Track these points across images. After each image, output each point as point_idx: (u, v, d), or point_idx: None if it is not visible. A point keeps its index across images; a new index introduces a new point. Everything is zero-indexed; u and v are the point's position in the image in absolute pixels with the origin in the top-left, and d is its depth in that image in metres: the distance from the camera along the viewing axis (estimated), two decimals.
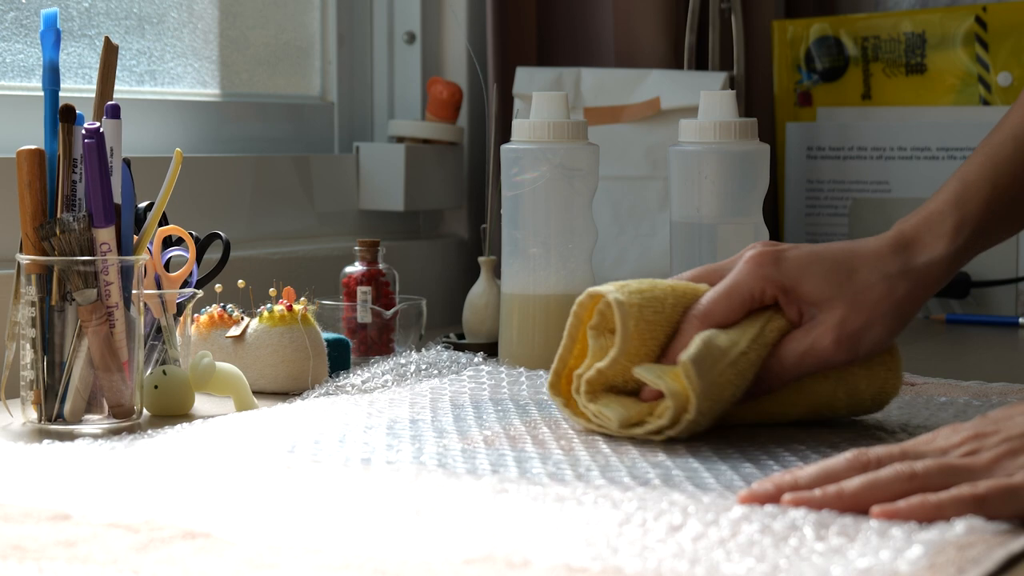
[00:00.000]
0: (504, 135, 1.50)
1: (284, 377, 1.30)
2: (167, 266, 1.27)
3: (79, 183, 1.14)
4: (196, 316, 1.33)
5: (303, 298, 1.33)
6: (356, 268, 1.52)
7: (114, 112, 1.15)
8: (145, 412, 1.20)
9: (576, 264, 1.41)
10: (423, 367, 1.37)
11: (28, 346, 1.14)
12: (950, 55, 1.90)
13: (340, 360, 1.36)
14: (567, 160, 1.40)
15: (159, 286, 1.25)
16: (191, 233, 1.28)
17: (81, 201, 1.14)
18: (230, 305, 1.34)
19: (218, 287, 1.34)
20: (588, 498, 0.90)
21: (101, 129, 1.13)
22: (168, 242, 1.29)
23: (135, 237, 1.17)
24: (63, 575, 0.75)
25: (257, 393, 1.27)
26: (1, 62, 1.46)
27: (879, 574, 0.75)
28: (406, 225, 1.88)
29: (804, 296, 1.10)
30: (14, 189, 1.14)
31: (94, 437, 1.09)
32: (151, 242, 1.24)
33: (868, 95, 1.95)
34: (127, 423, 1.15)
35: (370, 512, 0.87)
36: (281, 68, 1.80)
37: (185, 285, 1.27)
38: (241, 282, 1.34)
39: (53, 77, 1.16)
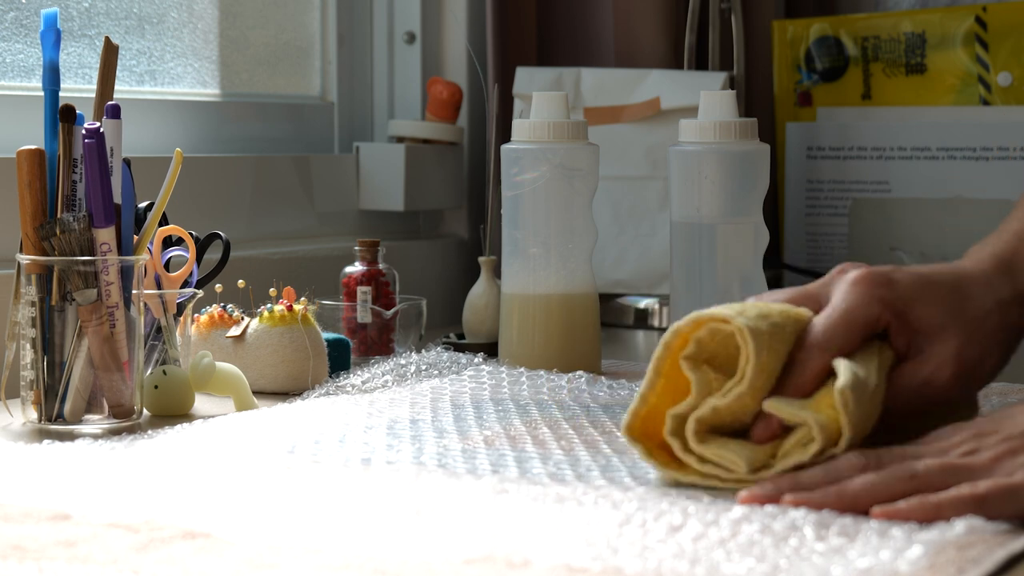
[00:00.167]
0: (504, 135, 1.50)
1: (284, 377, 1.30)
2: (167, 266, 1.27)
3: (79, 183, 1.14)
4: (196, 316, 1.33)
5: (303, 298, 1.33)
6: (356, 268, 1.52)
7: (114, 112, 1.15)
8: (145, 412, 1.19)
9: (576, 264, 1.41)
10: (423, 367, 1.37)
11: (28, 346, 1.14)
12: (950, 55, 1.90)
13: (340, 360, 1.36)
14: (567, 160, 1.40)
15: (159, 286, 1.25)
16: (191, 233, 1.28)
17: (81, 201, 1.14)
18: (230, 305, 1.34)
19: (218, 287, 1.34)
20: (588, 498, 0.90)
21: (101, 129, 1.13)
22: (168, 242, 1.29)
23: (135, 237, 1.17)
24: (63, 575, 0.75)
25: (257, 393, 1.27)
26: (1, 62, 1.46)
27: (879, 574, 0.75)
28: (406, 225, 1.88)
29: (915, 323, 1.00)
30: (14, 189, 1.14)
31: (94, 437, 1.09)
32: (151, 242, 1.24)
33: (868, 95, 1.95)
34: (127, 423, 1.15)
35: (370, 512, 0.87)
36: (281, 68, 1.80)
37: (185, 285, 1.27)
38: (241, 282, 1.34)
39: (53, 77, 1.16)
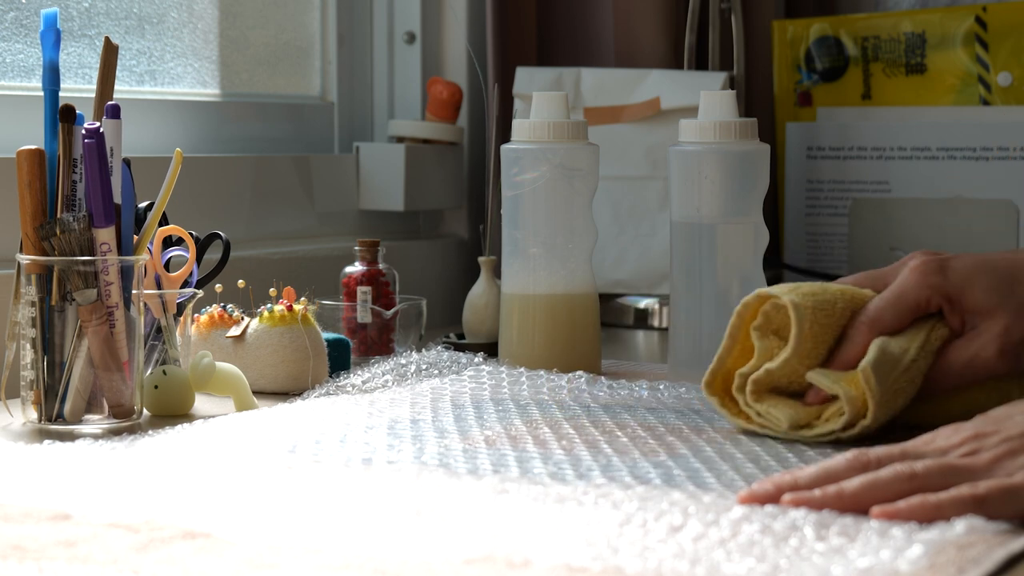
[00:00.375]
0: (504, 135, 1.50)
1: (284, 377, 1.30)
2: (167, 266, 1.27)
3: (79, 183, 1.14)
4: (196, 316, 1.33)
5: (303, 298, 1.33)
6: (356, 268, 1.52)
7: (114, 112, 1.15)
8: (145, 412, 1.19)
9: (576, 264, 1.41)
10: (423, 367, 1.37)
11: (28, 346, 1.14)
12: (950, 55, 1.90)
13: (340, 360, 1.36)
14: (567, 160, 1.40)
15: (159, 286, 1.25)
16: (191, 233, 1.28)
17: (81, 201, 1.14)
18: (230, 305, 1.34)
19: (218, 287, 1.34)
20: (589, 498, 0.90)
21: (101, 129, 1.13)
22: (168, 242, 1.29)
23: (135, 237, 1.17)
24: (63, 575, 0.75)
25: (257, 393, 1.27)
26: (1, 62, 1.46)
27: (879, 574, 0.75)
28: (406, 225, 1.88)
29: (968, 305, 1.11)
30: (14, 189, 1.14)
31: (94, 437, 1.09)
32: (151, 242, 1.24)
33: (868, 95, 1.95)
34: (127, 423, 1.15)
35: (370, 512, 0.87)
36: (281, 68, 1.80)
37: (185, 285, 1.27)
38: (241, 282, 1.34)
39: (53, 77, 1.16)
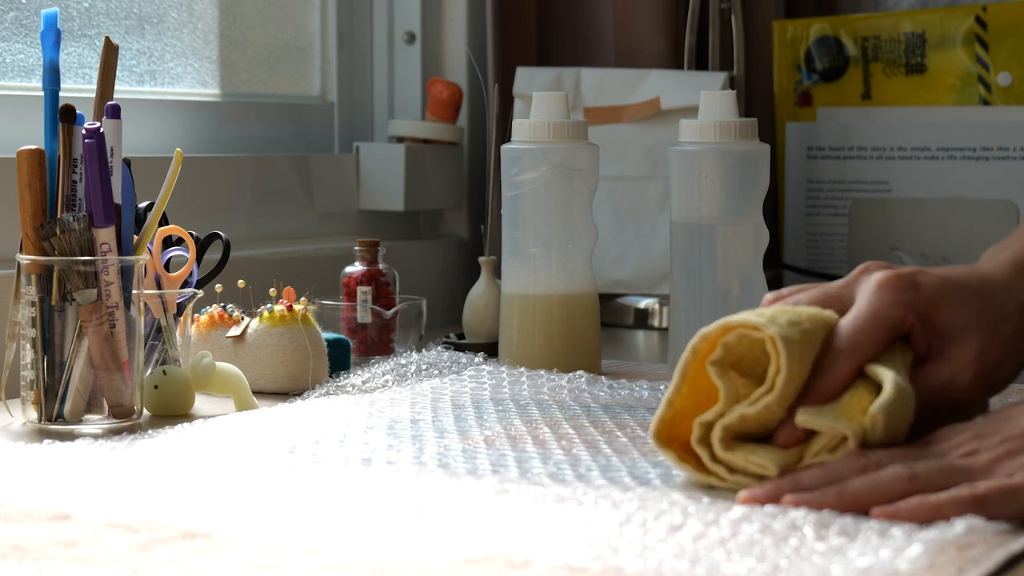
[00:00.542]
0: (504, 135, 1.50)
1: (284, 377, 1.30)
2: (167, 266, 1.27)
3: (79, 183, 1.14)
4: (196, 316, 1.33)
5: (303, 298, 1.33)
6: (356, 268, 1.52)
7: (114, 112, 1.15)
8: (145, 412, 1.19)
9: (576, 264, 1.41)
10: (423, 367, 1.37)
11: (28, 346, 1.14)
12: (950, 55, 1.90)
13: (340, 360, 1.36)
14: (567, 160, 1.40)
15: (159, 286, 1.25)
16: (191, 233, 1.28)
17: (81, 201, 1.14)
18: (230, 305, 1.34)
19: (218, 287, 1.34)
20: (588, 498, 0.90)
21: (101, 129, 1.13)
22: (168, 242, 1.29)
23: (135, 237, 1.17)
24: (63, 575, 0.75)
25: (257, 393, 1.27)
26: (1, 62, 1.46)
27: (879, 574, 0.75)
28: (406, 225, 1.88)
29: (939, 325, 0.98)
30: (14, 189, 1.14)
31: (94, 437, 1.09)
32: (151, 242, 1.24)
33: (868, 95, 1.95)
34: (127, 423, 1.15)
35: (370, 512, 0.87)
36: (281, 68, 1.80)
37: (185, 285, 1.27)
38: (241, 282, 1.34)
39: (53, 77, 1.16)
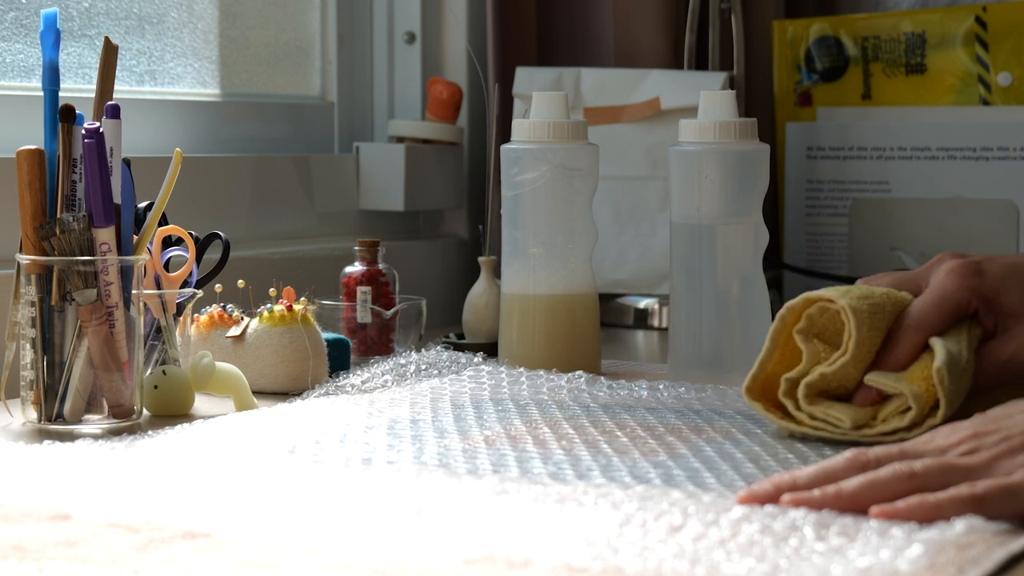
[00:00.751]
0: (504, 135, 1.50)
1: (284, 377, 1.30)
2: (167, 266, 1.27)
3: (79, 183, 1.14)
4: (196, 316, 1.33)
5: (303, 298, 1.33)
6: (356, 268, 1.52)
7: (114, 112, 1.15)
8: (145, 412, 1.20)
9: (576, 264, 1.41)
10: (423, 367, 1.37)
11: (28, 346, 1.14)
12: (950, 55, 1.90)
13: (340, 360, 1.36)
14: (567, 160, 1.40)
15: (159, 286, 1.25)
16: (191, 233, 1.28)
17: (81, 201, 1.14)
18: (230, 305, 1.34)
19: (218, 287, 1.34)
20: (589, 498, 0.90)
21: (101, 129, 1.13)
22: (168, 242, 1.29)
23: (135, 237, 1.17)
24: (63, 575, 0.75)
25: (257, 393, 1.27)
26: (1, 62, 1.46)
27: (879, 574, 0.75)
28: (406, 225, 1.88)
29: (1003, 307, 1.13)
30: (14, 189, 1.14)
31: (94, 437, 1.09)
32: (151, 242, 1.24)
33: (868, 95, 1.95)
34: (127, 423, 1.15)
35: (370, 512, 0.87)
36: (281, 68, 1.80)
37: (185, 285, 1.27)
38: (241, 282, 1.34)
39: (53, 77, 1.16)
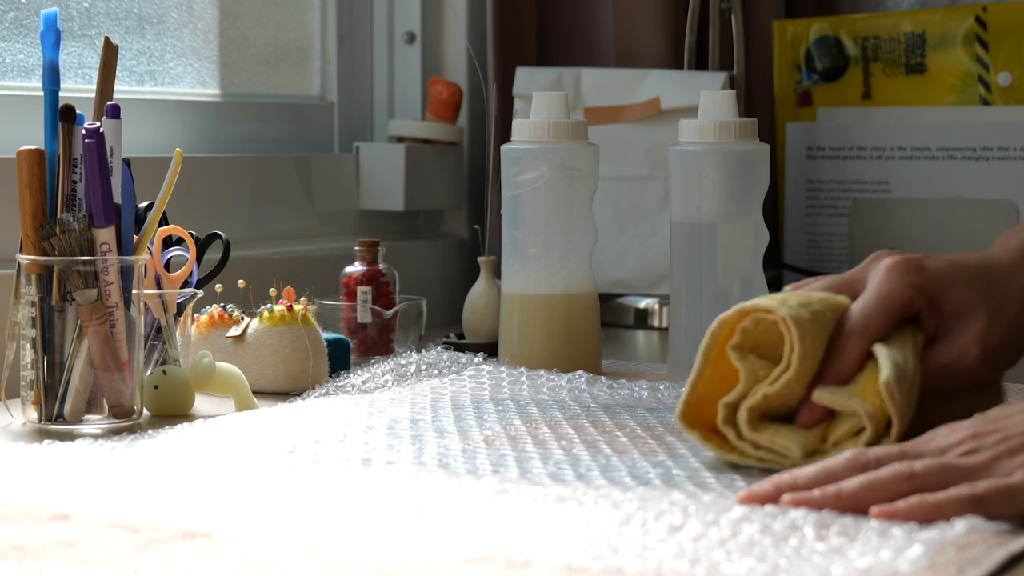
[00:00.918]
0: (504, 135, 1.50)
1: (284, 377, 1.30)
2: (167, 266, 1.27)
3: (79, 183, 1.14)
4: (196, 316, 1.33)
5: (303, 298, 1.33)
6: (356, 268, 1.52)
7: (114, 112, 1.15)
8: (145, 412, 1.19)
9: (576, 264, 1.41)
10: (423, 367, 1.37)
11: (28, 346, 1.14)
12: (950, 55, 1.90)
13: (340, 360, 1.36)
14: (567, 160, 1.40)
15: (159, 286, 1.25)
16: (191, 233, 1.28)
17: (81, 201, 1.14)
18: (230, 305, 1.34)
19: (218, 287, 1.34)
20: (588, 498, 0.90)
21: (101, 129, 1.13)
22: (168, 242, 1.29)
23: (135, 237, 1.17)
24: (63, 575, 0.75)
25: (257, 393, 1.27)
26: (1, 62, 1.46)
27: (879, 574, 0.75)
28: (406, 225, 1.88)
29: (945, 306, 1.05)
30: (14, 189, 1.14)
31: (94, 437, 1.09)
32: (151, 242, 1.24)
33: (868, 95, 1.95)
34: (127, 423, 1.15)
35: (370, 512, 0.87)
36: (281, 68, 1.80)
37: (185, 285, 1.27)
38: (241, 282, 1.34)
39: (53, 77, 1.16)
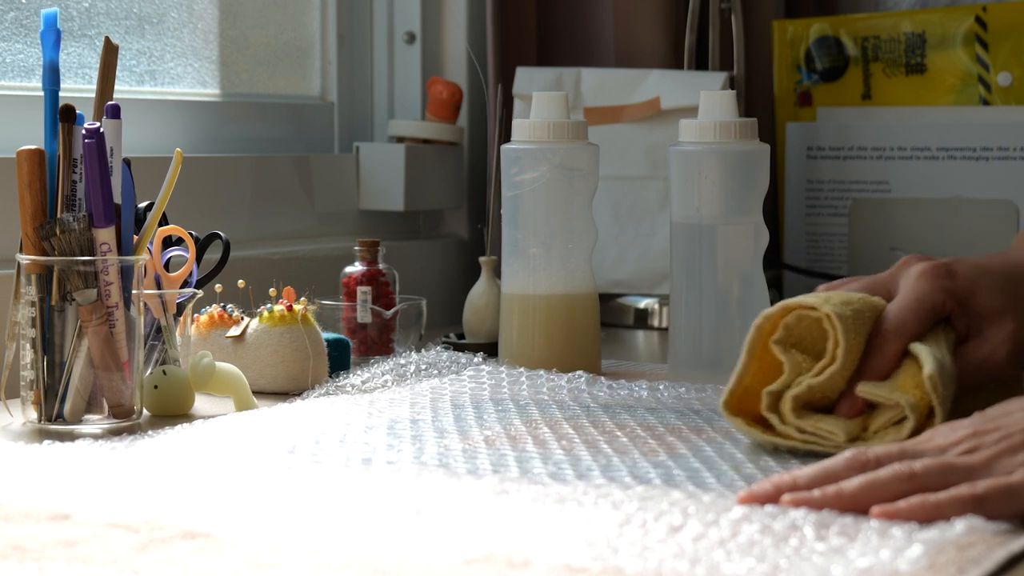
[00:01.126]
0: (504, 135, 1.50)
1: (284, 377, 1.30)
2: (167, 266, 1.27)
3: (79, 183, 1.14)
4: (196, 316, 1.33)
5: (303, 298, 1.33)
6: (356, 268, 1.52)
7: (114, 112, 1.15)
8: (145, 412, 1.20)
9: (576, 264, 1.41)
10: (423, 367, 1.37)
11: (28, 346, 1.14)
12: (950, 55, 1.90)
13: (340, 360, 1.36)
14: (567, 160, 1.40)
15: (159, 286, 1.25)
16: (191, 233, 1.28)
17: (81, 201, 1.14)
18: (230, 305, 1.34)
19: (218, 287, 1.34)
20: (589, 498, 0.90)
21: (101, 129, 1.13)
22: (168, 242, 1.29)
23: (135, 237, 1.17)
24: (63, 575, 0.75)
25: (257, 393, 1.27)
26: (1, 62, 1.46)
27: (879, 574, 0.75)
28: (406, 225, 1.88)
29: (976, 308, 1.11)
30: (14, 189, 1.14)
31: (94, 437, 1.09)
32: (151, 242, 1.24)
33: (868, 95, 1.95)
34: (127, 423, 1.15)
35: (370, 512, 0.87)
36: (281, 68, 1.80)
37: (185, 285, 1.27)
38: (241, 282, 1.34)
39: (53, 77, 1.16)
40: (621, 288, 1.80)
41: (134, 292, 1.15)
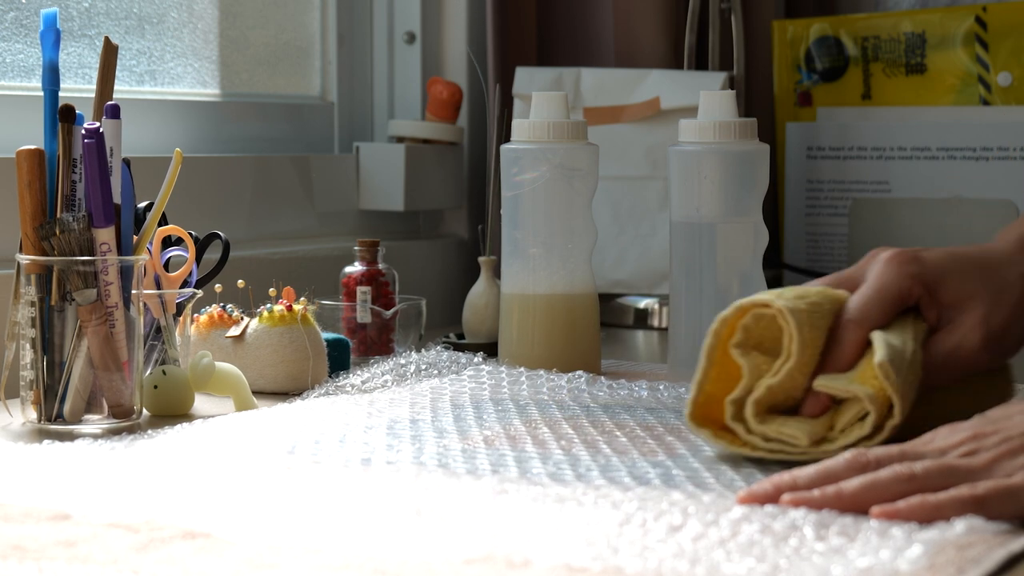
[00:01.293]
0: (504, 135, 1.50)
1: (284, 377, 1.30)
2: (167, 266, 1.27)
3: (79, 183, 1.14)
4: (196, 316, 1.33)
5: (303, 298, 1.33)
6: (356, 268, 1.52)
7: (114, 112, 1.15)
8: (145, 412, 1.19)
9: (576, 264, 1.41)
10: (423, 367, 1.37)
11: (28, 346, 1.14)
12: (950, 55, 1.90)
13: (340, 360, 1.36)
14: (567, 160, 1.40)
15: (159, 286, 1.25)
16: (191, 233, 1.28)
17: (81, 201, 1.14)
18: (230, 305, 1.34)
19: (218, 287, 1.34)
20: (588, 498, 0.90)
21: (101, 129, 1.13)
22: (168, 242, 1.29)
23: (135, 237, 1.17)
24: (63, 575, 0.75)
25: (257, 393, 1.27)
26: (1, 62, 1.46)
27: (879, 574, 0.75)
28: (406, 225, 1.88)
29: (945, 295, 1.08)
30: (14, 189, 1.14)
31: (94, 437, 1.09)
32: (151, 242, 1.24)
33: (868, 95, 1.95)
34: (127, 423, 1.15)
35: (370, 512, 0.87)
36: (281, 68, 1.80)
37: (185, 285, 1.27)
38: (241, 282, 1.34)
39: (53, 77, 1.16)
40: (621, 288, 1.80)
41: (134, 292, 1.15)
